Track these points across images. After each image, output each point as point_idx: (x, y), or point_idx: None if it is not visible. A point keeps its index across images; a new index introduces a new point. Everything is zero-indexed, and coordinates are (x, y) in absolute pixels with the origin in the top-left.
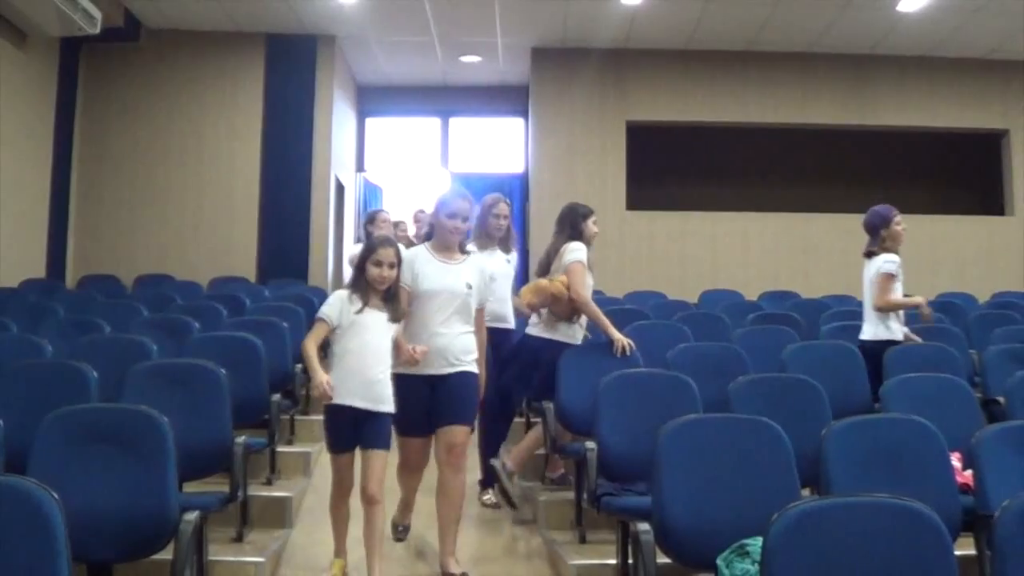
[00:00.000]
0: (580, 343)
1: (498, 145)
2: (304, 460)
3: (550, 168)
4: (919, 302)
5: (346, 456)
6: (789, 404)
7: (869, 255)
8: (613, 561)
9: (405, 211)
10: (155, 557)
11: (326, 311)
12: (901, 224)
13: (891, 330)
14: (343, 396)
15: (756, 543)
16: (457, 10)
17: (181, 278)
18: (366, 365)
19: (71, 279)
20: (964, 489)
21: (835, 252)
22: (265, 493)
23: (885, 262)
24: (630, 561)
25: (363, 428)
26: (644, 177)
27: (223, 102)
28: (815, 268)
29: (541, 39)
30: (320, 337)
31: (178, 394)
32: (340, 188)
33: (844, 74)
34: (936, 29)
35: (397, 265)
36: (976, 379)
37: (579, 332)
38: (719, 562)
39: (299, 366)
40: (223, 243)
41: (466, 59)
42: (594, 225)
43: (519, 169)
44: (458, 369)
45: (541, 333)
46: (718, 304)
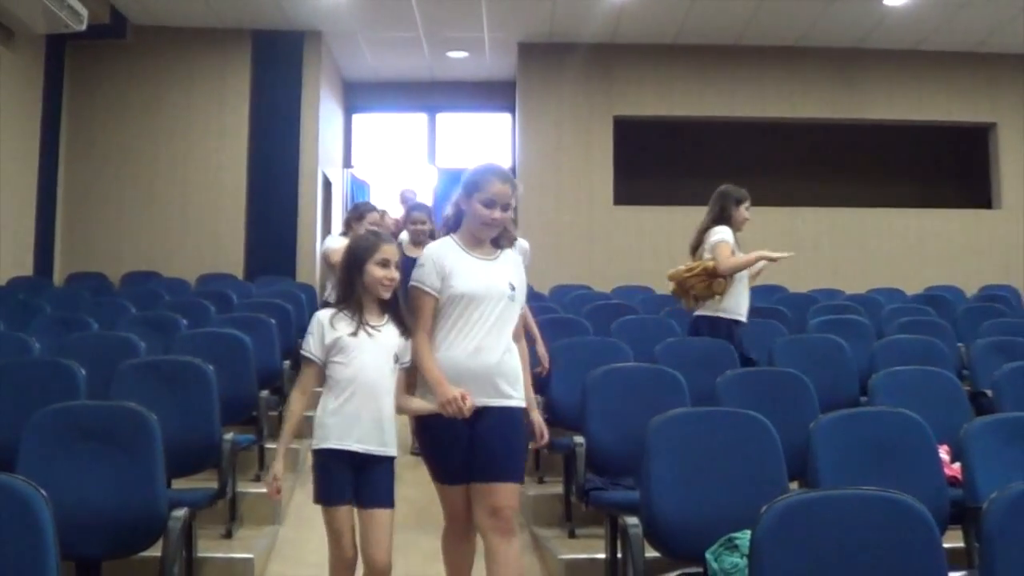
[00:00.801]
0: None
1: (485, 141)
2: (293, 456)
3: (537, 163)
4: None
5: (344, 510)
6: (777, 398)
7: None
8: (602, 556)
9: (393, 204)
10: (144, 554)
11: (310, 346)
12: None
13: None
14: (340, 437)
15: (744, 536)
16: (443, 5)
17: (168, 275)
18: (370, 398)
19: (58, 277)
20: (952, 482)
21: (823, 246)
22: (254, 490)
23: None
24: (619, 555)
25: (362, 478)
26: (631, 172)
27: (210, 98)
28: (803, 262)
29: (528, 34)
30: (311, 385)
31: (166, 391)
32: (327, 184)
33: (832, 68)
34: (923, 23)
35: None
36: (964, 372)
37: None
38: (708, 556)
39: (287, 362)
40: (210, 240)
41: (453, 54)
42: (746, 211)
43: (506, 164)
44: (505, 403)
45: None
46: None
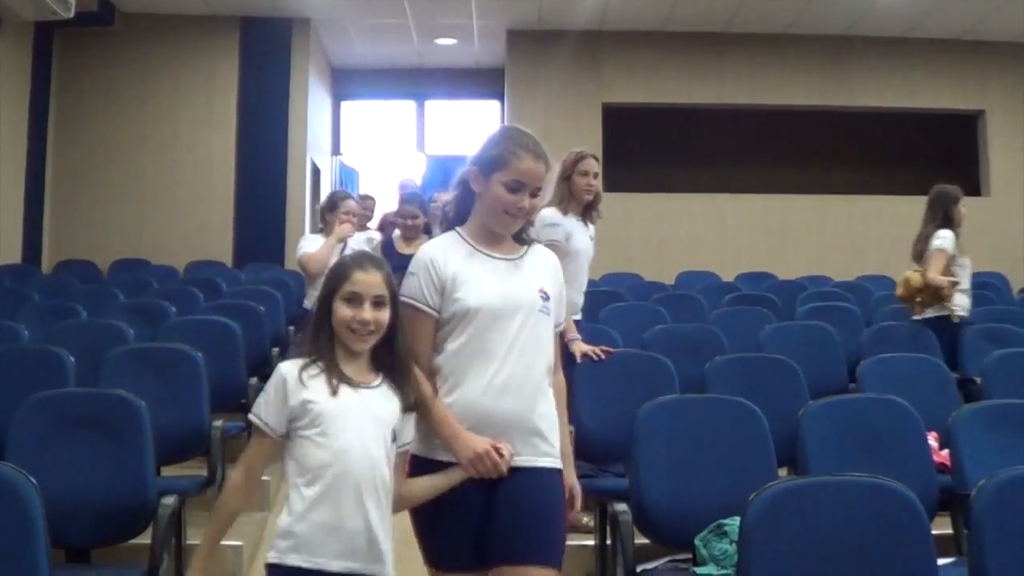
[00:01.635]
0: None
1: (474, 128)
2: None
3: None
4: None
5: None
6: (766, 384)
7: None
8: (592, 542)
9: (381, 192)
10: (133, 541)
11: (261, 409)
12: None
13: None
14: (312, 551)
15: (734, 523)
16: None
17: (157, 263)
18: (355, 494)
19: (47, 264)
20: (941, 469)
21: (812, 233)
22: None
23: None
24: (608, 542)
25: None
26: (620, 159)
27: (198, 86)
28: (792, 249)
29: (516, 21)
30: (259, 468)
31: (155, 378)
32: (316, 171)
33: (821, 55)
34: (912, 10)
35: (391, 300)
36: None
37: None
38: (697, 542)
39: (276, 349)
40: (199, 227)
41: (441, 41)
42: (963, 208)
43: None
44: (541, 463)
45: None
46: (695, 285)
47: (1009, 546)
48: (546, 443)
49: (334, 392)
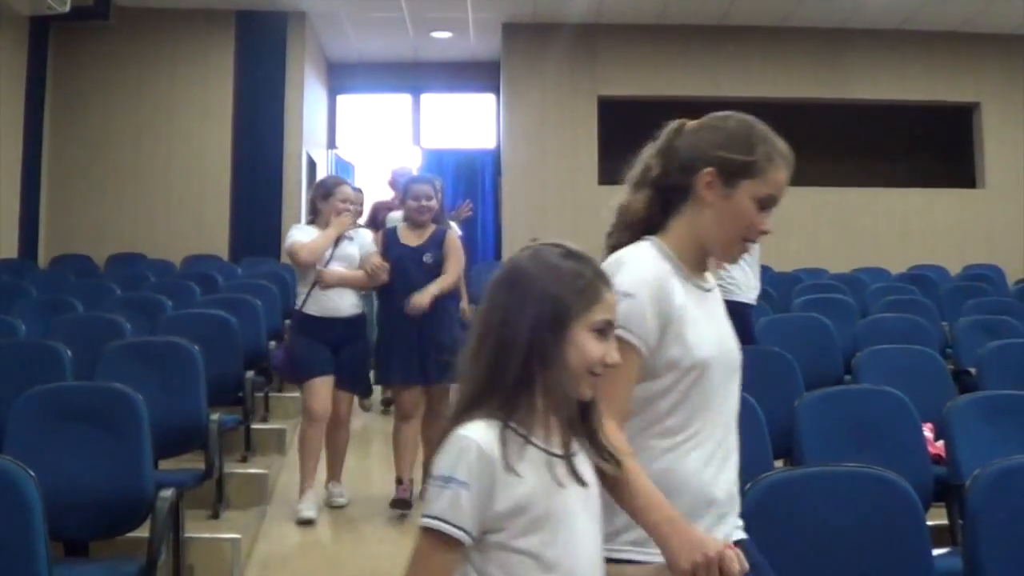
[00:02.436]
0: None
1: (469, 121)
2: (279, 437)
3: (522, 143)
4: None
5: None
6: (762, 376)
7: None
8: None
9: (375, 186)
10: (131, 534)
11: (449, 507)
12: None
13: None
14: None
15: None
16: None
17: (153, 257)
18: None
19: (43, 259)
20: (936, 460)
21: (808, 225)
22: (240, 470)
23: None
24: None
25: None
26: (616, 152)
27: (193, 80)
28: (787, 241)
29: (512, 14)
30: None
31: (152, 372)
32: (312, 165)
33: (816, 48)
34: (908, 2)
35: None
36: (948, 350)
37: None
38: None
39: (272, 343)
40: (195, 221)
41: (437, 35)
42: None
43: (491, 145)
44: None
45: None
46: None
47: (1003, 536)
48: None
49: (559, 481)
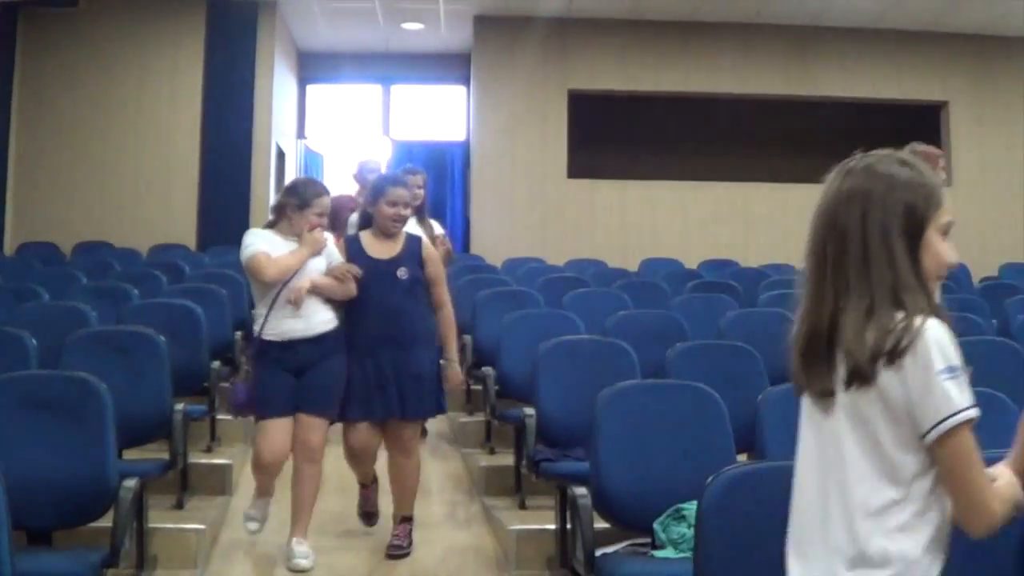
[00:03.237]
0: None
1: (440, 113)
2: (244, 428)
3: (492, 136)
4: None
5: None
6: (726, 370)
7: None
8: (553, 526)
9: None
10: (95, 524)
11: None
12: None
13: None
14: None
15: (692, 507)
16: None
17: (120, 245)
18: None
19: (9, 246)
20: None
21: (774, 221)
22: (205, 460)
23: None
24: (569, 526)
25: None
26: (585, 145)
27: (163, 68)
28: (754, 237)
29: (484, 7)
30: None
31: (117, 361)
32: (281, 155)
33: (786, 45)
34: (877, 1)
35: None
36: None
37: None
38: (656, 526)
39: (239, 333)
40: (162, 210)
41: (408, 26)
42: None
43: (461, 137)
44: None
45: None
46: (658, 272)
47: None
48: None
49: None
